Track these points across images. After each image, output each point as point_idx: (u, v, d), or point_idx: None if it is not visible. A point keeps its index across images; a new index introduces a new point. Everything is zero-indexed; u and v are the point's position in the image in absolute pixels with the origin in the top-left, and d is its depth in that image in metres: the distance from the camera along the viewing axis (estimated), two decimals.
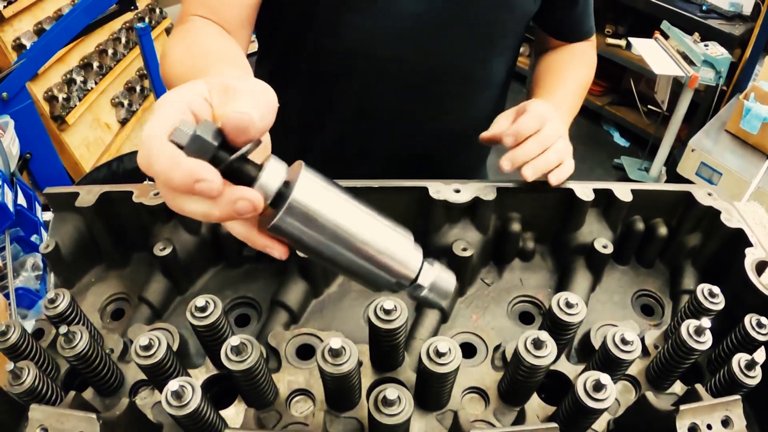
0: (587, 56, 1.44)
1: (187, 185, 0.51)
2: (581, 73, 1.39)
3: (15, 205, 2.31)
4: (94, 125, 3.69)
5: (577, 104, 1.34)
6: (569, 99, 1.29)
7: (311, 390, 0.86)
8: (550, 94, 1.29)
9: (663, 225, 1.07)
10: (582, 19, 1.40)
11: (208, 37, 0.99)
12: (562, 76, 1.36)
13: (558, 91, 1.29)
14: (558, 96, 1.27)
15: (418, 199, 1.03)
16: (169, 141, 0.52)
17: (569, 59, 1.41)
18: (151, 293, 1.02)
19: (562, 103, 1.26)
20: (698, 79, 3.72)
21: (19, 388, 0.74)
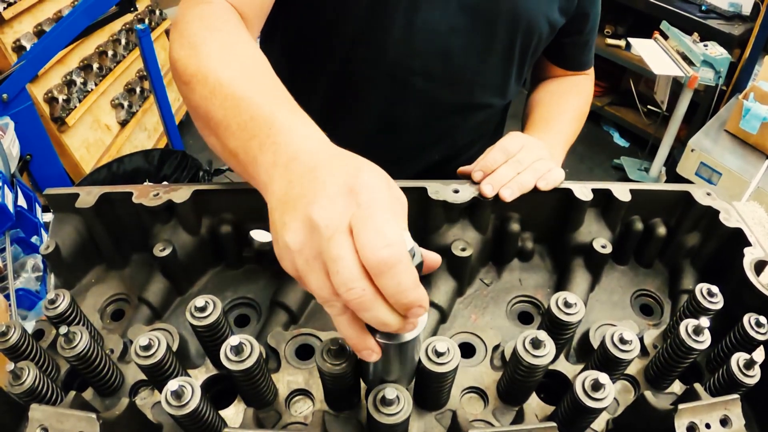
0: (583, 87, 1.49)
1: (411, 306, 0.56)
2: (578, 102, 1.43)
3: (15, 207, 2.32)
4: (94, 126, 3.70)
5: (574, 131, 1.37)
6: (565, 127, 1.33)
7: (310, 390, 0.86)
8: (546, 121, 1.33)
9: (662, 225, 1.07)
10: (584, 50, 1.46)
11: (248, 46, 0.92)
12: (559, 104, 1.40)
13: (553, 119, 1.34)
14: (553, 124, 1.32)
15: (417, 200, 1.03)
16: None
17: (566, 89, 1.46)
18: (150, 294, 1.02)
19: (558, 131, 1.30)
20: (698, 79, 3.72)
21: (19, 388, 0.75)
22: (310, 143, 0.71)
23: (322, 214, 0.58)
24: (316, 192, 0.60)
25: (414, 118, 1.31)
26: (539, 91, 1.48)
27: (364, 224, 0.55)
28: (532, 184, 1.03)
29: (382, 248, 0.54)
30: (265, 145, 0.73)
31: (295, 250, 0.60)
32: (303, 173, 0.65)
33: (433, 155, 1.41)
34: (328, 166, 0.64)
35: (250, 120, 0.76)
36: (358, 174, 0.62)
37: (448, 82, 1.27)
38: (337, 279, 0.55)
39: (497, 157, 1.06)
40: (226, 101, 0.81)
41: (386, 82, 1.25)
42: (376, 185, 0.61)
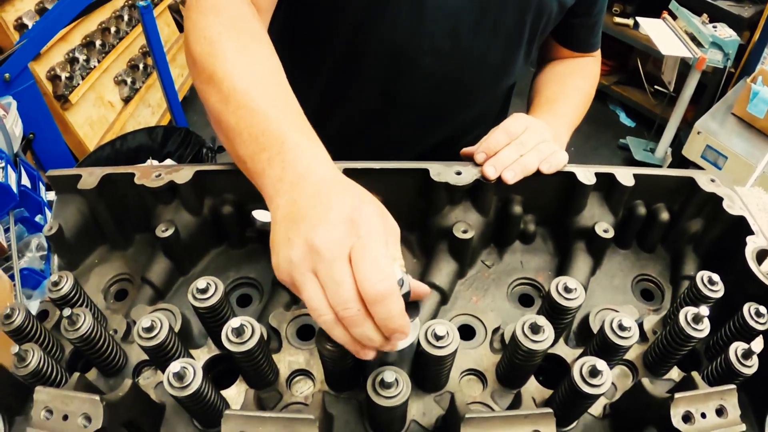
0: (590, 70, 1.47)
1: (395, 332, 0.66)
2: (583, 85, 1.41)
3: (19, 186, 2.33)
4: (97, 104, 3.68)
5: (579, 114, 1.36)
6: (570, 110, 1.32)
7: (311, 370, 0.87)
8: (551, 103, 1.31)
9: (665, 210, 1.07)
10: (592, 31, 1.44)
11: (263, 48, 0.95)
12: (565, 86, 1.38)
13: (558, 101, 1.32)
14: (558, 106, 1.30)
15: (419, 181, 1.03)
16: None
17: (572, 71, 1.43)
18: (153, 274, 1.03)
19: (563, 113, 1.28)
20: (706, 61, 3.67)
21: (24, 370, 0.76)
22: (317, 166, 0.77)
23: (325, 238, 0.66)
24: (321, 217, 0.68)
25: (420, 97, 1.30)
26: (545, 72, 1.46)
27: (363, 257, 0.64)
28: (535, 166, 1.02)
29: (377, 282, 0.63)
30: (274, 161, 0.78)
31: (295, 264, 0.67)
32: (309, 195, 0.72)
33: (437, 135, 1.41)
34: (332, 193, 0.72)
35: (262, 134, 0.81)
36: (359, 206, 0.70)
37: (456, 61, 1.26)
38: (336, 299, 0.64)
39: (500, 138, 1.05)
40: (239, 110, 0.84)
41: (393, 60, 1.24)
42: (374, 218, 0.70)
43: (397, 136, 1.38)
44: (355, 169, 1.01)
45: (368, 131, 1.38)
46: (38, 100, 2.91)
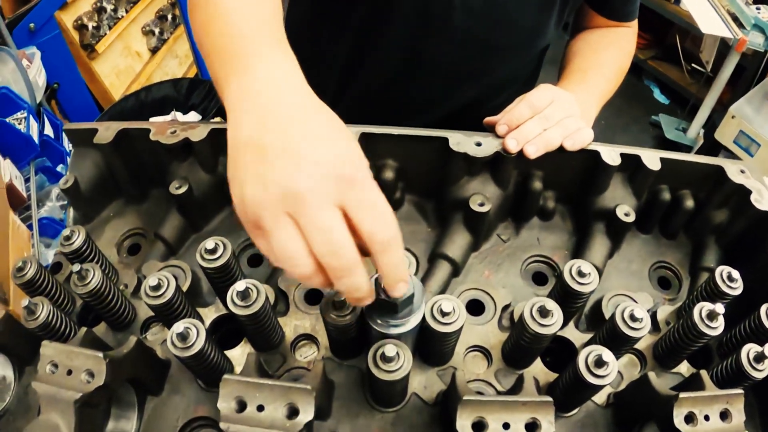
0: (626, 43, 1.39)
1: (402, 279, 0.64)
2: (618, 57, 1.34)
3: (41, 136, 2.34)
4: (124, 53, 3.68)
5: (611, 89, 1.29)
6: (601, 83, 1.25)
7: (317, 336, 0.87)
8: (582, 74, 1.25)
9: (690, 197, 1.03)
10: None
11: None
12: (598, 58, 1.32)
13: (590, 72, 1.26)
14: (589, 77, 1.24)
15: (437, 150, 1.00)
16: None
17: (607, 42, 1.36)
18: (166, 230, 1.03)
19: (594, 85, 1.22)
20: (746, 43, 3.51)
21: (33, 323, 0.77)
22: (290, 84, 0.70)
23: (310, 183, 0.59)
24: (304, 156, 0.61)
25: (448, 55, 1.26)
26: (579, 40, 1.40)
27: (365, 207, 0.60)
28: (559, 142, 0.99)
29: (385, 229, 0.60)
30: (239, 68, 0.71)
31: (266, 204, 0.60)
32: (282, 121, 0.64)
33: (463, 97, 1.36)
34: (313, 125, 0.64)
35: (232, 43, 0.75)
36: (348, 147, 0.64)
37: (487, 19, 1.21)
38: (325, 246, 0.59)
39: (524, 111, 1.01)
40: (215, 24, 0.79)
41: (422, 15, 1.19)
42: (363, 163, 0.64)
43: (424, 95, 1.34)
44: (372, 134, 0.99)
45: (394, 90, 1.34)
46: (63, 50, 2.91)
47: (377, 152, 1.01)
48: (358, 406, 0.80)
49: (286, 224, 0.60)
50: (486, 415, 0.61)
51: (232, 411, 0.61)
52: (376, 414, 0.80)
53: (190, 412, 0.80)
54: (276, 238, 0.60)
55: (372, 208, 0.61)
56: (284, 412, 0.61)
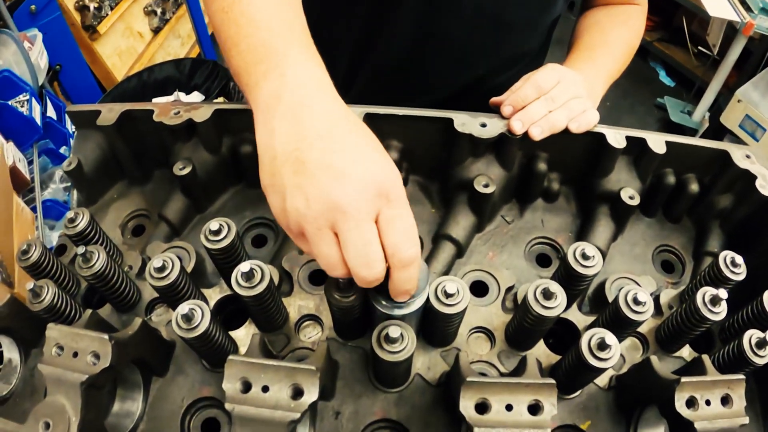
0: (634, 21, 1.35)
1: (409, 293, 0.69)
2: (626, 36, 1.30)
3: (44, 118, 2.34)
4: (126, 34, 3.65)
5: (619, 68, 1.26)
6: (609, 62, 1.22)
7: (320, 316, 0.88)
8: (590, 51, 1.23)
9: (695, 181, 1.02)
10: None
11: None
12: (606, 36, 1.28)
13: (598, 50, 1.23)
14: (597, 55, 1.21)
15: (442, 130, 1.00)
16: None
17: (616, 20, 1.32)
18: (170, 211, 1.03)
19: (601, 64, 1.20)
20: (754, 27, 3.47)
21: (38, 306, 0.77)
22: (323, 94, 0.70)
23: (352, 199, 0.62)
24: (346, 174, 0.63)
25: (458, 32, 1.24)
26: (587, 18, 1.37)
27: (396, 224, 0.64)
28: (564, 124, 0.98)
29: (410, 249, 0.64)
30: (272, 75, 0.71)
31: (309, 218, 0.63)
32: (322, 135, 0.65)
33: (473, 74, 1.34)
34: (352, 142, 0.66)
35: (261, 45, 0.74)
36: (386, 165, 0.67)
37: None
38: (360, 259, 0.63)
39: (529, 92, 1.00)
40: (241, 18, 0.77)
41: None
42: (399, 180, 0.67)
43: (435, 73, 1.32)
44: (377, 114, 0.99)
45: (406, 70, 1.31)
46: (65, 31, 2.89)
47: (381, 133, 1.00)
48: (362, 386, 0.81)
49: (326, 236, 0.64)
50: (489, 396, 0.61)
51: (237, 392, 0.61)
52: (379, 394, 0.80)
53: (195, 393, 0.81)
54: (317, 247, 0.65)
55: (400, 225, 0.64)
56: (289, 392, 0.61)
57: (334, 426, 0.78)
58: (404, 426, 0.78)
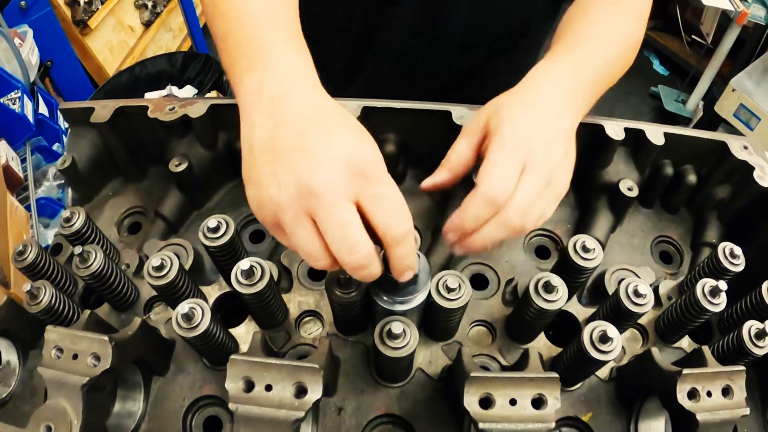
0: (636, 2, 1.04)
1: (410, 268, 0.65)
2: (622, 22, 0.99)
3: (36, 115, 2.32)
4: (117, 28, 3.62)
5: (615, 63, 0.94)
6: (598, 59, 0.89)
7: (321, 312, 0.88)
8: (571, 50, 0.90)
9: (693, 172, 1.02)
10: None
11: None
12: (594, 23, 0.96)
13: (581, 45, 0.91)
14: (579, 52, 0.89)
15: (440, 123, 0.99)
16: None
17: (609, 7, 1.00)
18: (167, 208, 1.02)
19: (586, 65, 0.87)
20: (747, 16, 3.48)
21: (36, 307, 0.77)
22: (305, 86, 0.68)
23: (325, 179, 0.60)
24: (317, 154, 0.61)
25: (460, 13, 1.19)
26: (576, 4, 1.07)
27: (380, 202, 0.61)
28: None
29: (399, 225, 0.61)
30: (254, 69, 0.69)
31: (284, 205, 0.61)
32: (297, 122, 0.64)
33: (473, 57, 1.30)
34: (327, 125, 0.64)
35: (246, 40, 0.72)
36: (361, 146, 0.64)
37: None
38: (342, 243, 0.60)
39: (480, 211, 0.71)
40: (230, 12, 0.76)
41: None
42: (378, 158, 0.64)
43: (439, 60, 1.28)
44: (374, 108, 0.98)
45: (409, 59, 1.27)
46: (55, 27, 2.87)
47: (379, 126, 1.00)
48: (364, 382, 0.81)
49: (304, 223, 0.61)
50: (493, 391, 0.61)
51: (240, 391, 0.61)
52: (381, 389, 0.80)
53: (196, 391, 0.81)
54: (295, 237, 0.62)
55: (385, 202, 0.62)
56: (292, 391, 0.61)
57: (337, 422, 0.78)
58: (407, 421, 0.78)
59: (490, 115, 0.77)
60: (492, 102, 0.81)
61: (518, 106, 0.76)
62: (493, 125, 0.75)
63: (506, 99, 0.79)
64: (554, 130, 0.75)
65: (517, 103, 0.77)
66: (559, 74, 0.84)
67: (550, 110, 0.77)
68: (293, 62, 0.70)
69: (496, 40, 1.28)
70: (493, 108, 0.78)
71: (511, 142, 0.71)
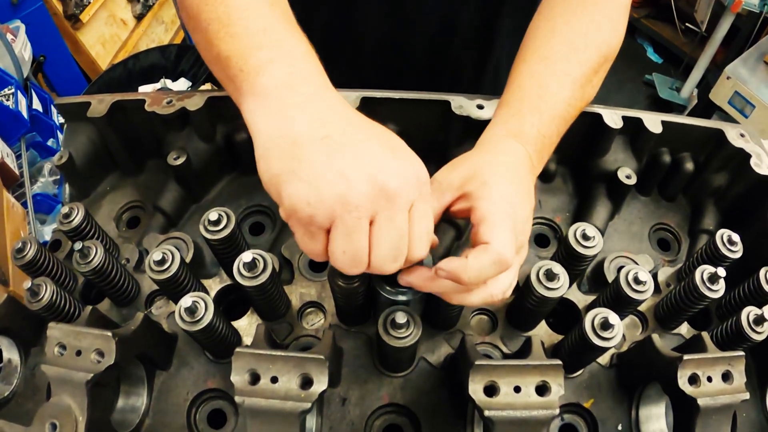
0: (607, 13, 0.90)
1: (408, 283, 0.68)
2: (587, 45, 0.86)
3: (30, 111, 2.30)
4: (109, 22, 3.59)
5: (575, 110, 0.85)
6: (551, 124, 0.82)
7: (323, 303, 0.88)
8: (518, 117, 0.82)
9: (690, 160, 1.03)
10: None
11: None
12: (554, 66, 0.85)
13: (529, 112, 0.81)
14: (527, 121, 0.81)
15: (439, 113, 0.99)
16: None
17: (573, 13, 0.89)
18: (165, 202, 1.02)
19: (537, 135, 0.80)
20: (742, 4, 3.48)
21: (37, 304, 0.76)
22: (330, 88, 0.68)
23: (401, 184, 0.59)
24: (388, 160, 0.61)
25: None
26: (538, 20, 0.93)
27: (421, 219, 0.63)
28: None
29: (422, 250, 0.63)
30: (279, 63, 0.67)
31: (352, 205, 0.58)
32: (351, 122, 0.64)
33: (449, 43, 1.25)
34: (384, 134, 0.66)
35: (263, 31, 0.70)
36: (418, 159, 0.65)
37: None
38: (392, 252, 0.61)
39: (486, 269, 0.65)
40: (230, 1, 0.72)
41: None
42: (428, 177, 0.66)
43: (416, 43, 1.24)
44: (373, 98, 0.98)
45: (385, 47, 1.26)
46: (47, 21, 2.84)
47: (378, 116, 0.98)
48: (367, 372, 0.81)
49: (364, 226, 0.59)
50: (497, 379, 0.61)
51: (246, 384, 0.61)
52: (384, 379, 0.81)
53: (200, 385, 0.81)
54: (350, 238, 0.59)
55: (424, 224, 0.63)
56: (298, 382, 0.61)
57: (341, 413, 0.78)
58: (411, 410, 0.79)
59: (466, 179, 0.73)
60: (463, 164, 0.77)
61: (498, 174, 0.72)
62: (478, 192, 0.70)
63: (480, 160, 0.76)
64: (528, 198, 0.73)
65: (496, 171, 0.73)
66: (523, 137, 0.80)
67: (524, 175, 0.75)
68: (317, 65, 0.70)
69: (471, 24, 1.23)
70: (470, 172, 0.74)
71: (504, 208, 0.68)
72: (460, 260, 0.65)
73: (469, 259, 0.64)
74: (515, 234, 0.67)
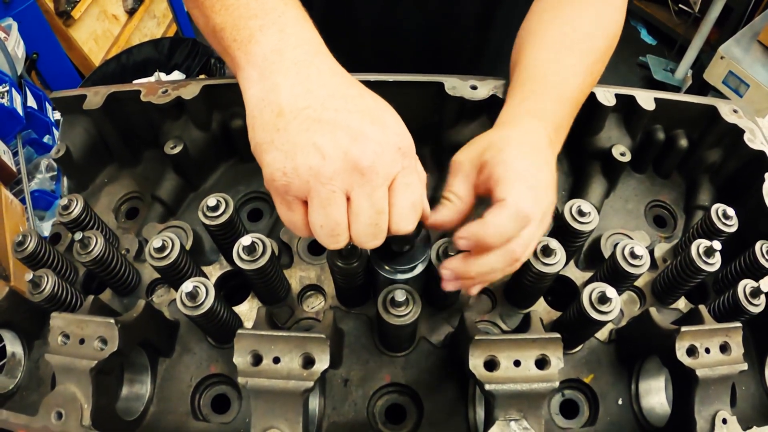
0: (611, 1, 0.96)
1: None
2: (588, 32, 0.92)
3: (25, 108, 2.30)
4: (101, 18, 3.57)
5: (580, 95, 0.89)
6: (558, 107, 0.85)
7: (322, 286, 0.88)
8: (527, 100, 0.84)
9: (684, 137, 1.03)
10: None
11: None
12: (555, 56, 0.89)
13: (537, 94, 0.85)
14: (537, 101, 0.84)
15: (433, 94, 0.99)
16: None
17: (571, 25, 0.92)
18: (163, 191, 1.02)
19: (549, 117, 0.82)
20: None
21: (39, 296, 0.77)
22: (324, 54, 0.67)
23: (373, 161, 0.58)
24: (364, 133, 0.59)
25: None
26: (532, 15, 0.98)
27: (405, 195, 0.61)
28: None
29: (409, 224, 0.62)
30: (269, 30, 0.67)
31: (324, 177, 0.58)
32: (333, 94, 0.62)
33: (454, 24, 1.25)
34: (366, 103, 0.63)
35: (254, 0, 0.69)
36: (402, 126, 0.64)
37: None
38: (371, 228, 0.60)
39: (506, 226, 0.66)
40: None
41: None
42: (414, 148, 0.64)
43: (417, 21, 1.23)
44: (367, 82, 0.98)
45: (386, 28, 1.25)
46: (39, 19, 2.83)
47: None
48: (368, 352, 0.82)
49: (339, 199, 0.59)
50: (497, 353, 0.62)
51: (249, 365, 0.62)
52: (386, 359, 0.82)
53: (202, 371, 0.82)
54: (324, 212, 0.59)
55: (409, 196, 0.62)
56: (300, 362, 0.62)
57: (344, 393, 0.79)
58: (413, 389, 0.80)
59: (482, 151, 0.73)
60: (480, 140, 0.77)
61: (513, 144, 0.73)
62: (493, 159, 0.71)
63: (496, 135, 0.77)
64: (547, 166, 0.74)
65: (511, 141, 0.74)
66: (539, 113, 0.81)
67: (541, 147, 0.76)
68: (309, 30, 0.69)
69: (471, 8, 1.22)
70: (486, 144, 0.74)
71: (519, 167, 0.69)
72: (477, 222, 0.65)
73: (487, 217, 0.65)
74: (535, 192, 0.67)
